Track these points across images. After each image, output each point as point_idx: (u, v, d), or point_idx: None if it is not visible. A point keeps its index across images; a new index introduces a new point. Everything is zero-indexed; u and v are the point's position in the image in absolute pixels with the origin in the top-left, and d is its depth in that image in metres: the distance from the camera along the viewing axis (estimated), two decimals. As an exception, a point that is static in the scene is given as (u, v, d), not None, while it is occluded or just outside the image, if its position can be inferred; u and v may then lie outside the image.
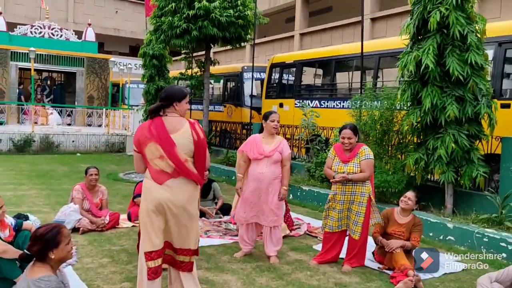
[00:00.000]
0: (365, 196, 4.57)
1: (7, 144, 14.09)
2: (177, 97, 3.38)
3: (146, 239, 3.25)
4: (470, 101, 5.97)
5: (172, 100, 3.36)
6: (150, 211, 3.23)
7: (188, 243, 3.35)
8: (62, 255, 2.71)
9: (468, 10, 5.99)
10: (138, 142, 3.32)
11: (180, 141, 3.26)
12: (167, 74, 13.98)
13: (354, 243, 4.64)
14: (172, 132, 3.26)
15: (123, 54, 30.54)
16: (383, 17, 17.47)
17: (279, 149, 4.77)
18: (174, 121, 3.32)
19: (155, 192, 3.23)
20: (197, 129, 3.34)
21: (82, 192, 5.76)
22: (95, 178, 5.83)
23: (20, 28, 18.87)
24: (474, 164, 6.05)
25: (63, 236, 2.71)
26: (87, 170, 5.88)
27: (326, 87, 11.82)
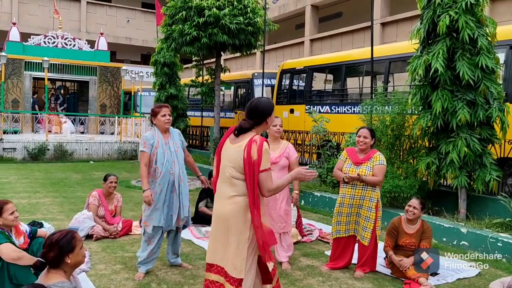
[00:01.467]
0: (374, 201, 4.55)
1: (22, 153, 14.29)
2: (270, 111, 3.09)
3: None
4: (481, 105, 5.93)
5: (266, 116, 3.07)
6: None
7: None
8: (77, 259, 2.76)
9: (478, 14, 5.97)
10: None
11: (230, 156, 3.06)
12: (178, 81, 14.12)
13: (365, 249, 4.62)
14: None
15: (134, 63, 30.86)
16: (393, 21, 17.43)
17: (285, 154, 4.78)
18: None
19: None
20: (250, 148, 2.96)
21: (98, 198, 5.83)
22: (114, 186, 5.91)
23: (34, 38, 19.17)
24: (487, 168, 6.01)
25: (77, 240, 2.76)
26: (107, 177, 5.94)
27: (336, 93, 11.81)
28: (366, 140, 4.62)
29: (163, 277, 4.37)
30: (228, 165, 3.02)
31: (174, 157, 4.43)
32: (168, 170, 4.37)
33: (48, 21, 27.06)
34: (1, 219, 3.73)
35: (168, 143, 4.45)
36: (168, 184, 4.38)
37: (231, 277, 2.92)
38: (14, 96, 17.86)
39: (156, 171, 4.38)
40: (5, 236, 3.66)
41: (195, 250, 5.29)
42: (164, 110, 4.45)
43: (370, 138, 4.64)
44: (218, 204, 3.09)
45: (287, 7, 23.36)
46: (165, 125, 4.45)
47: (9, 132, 15.53)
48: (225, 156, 3.08)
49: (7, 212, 3.75)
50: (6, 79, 17.19)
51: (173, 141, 4.50)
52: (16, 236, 3.87)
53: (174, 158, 4.43)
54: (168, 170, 4.37)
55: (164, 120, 4.43)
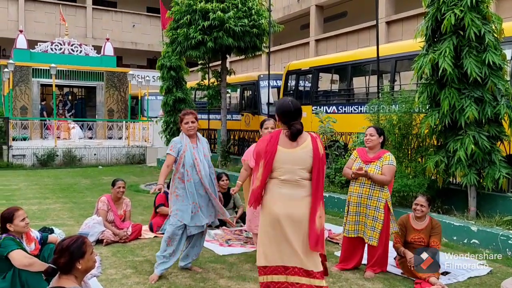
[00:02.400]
0: (382, 201, 4.52)
1: (31, 159, 14.42)
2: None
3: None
4: (489, 102, 5.89)
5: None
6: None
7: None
8: (88, 265, 2.77)
9: (484, 10, 5.93)
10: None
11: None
12: (185, 85, 14.15)
13: (374, 250, 4.60)
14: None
15: (141, 67, 30.97)
16: (398, 20, 17.37)
17: None
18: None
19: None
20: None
21: (107, 203, 5.86)
22: (122, 191, 5.93)
23: (41, 45, 19.34)
24: (496, 166, 5.96)
25: (88, 246, 2.78)
26: (115, 182, 5.97)
27: (343, 93, 11.79)
28: (372, 138, 4.62)
29: (174, 280, 4.38)
30: (297, 168, 3.18)
31: (203, 159, 4.53)
32: (195, 172, 4.45)
33: (55, 28, 27.25)
34: (12, 226, 3.77)
35: (196, 147, 4.56)
36: (195, 185, 4.45)
37: (315, 272, 3.12)
38: (23, 103, 18.02)
39: (184, 174, 4.46)
40: (16, 243, 3.70)
41: (204, 253, 5.29)
42: (187, 117, 4.53)
43: (377, 136, 4.63)
44: (288, 206, 3.15)
45: (292, 8, 23.36)
46: (187, 132, 4.55)
47: (18, 139, 15.67)
48: (288, 161, 3.18)
49: (18, 219, 3.78)
50: (14, 86, 17.36)
51: (202, 146, 4.62)
52: (27, 243, 3.91)
53: (202, 160, 4.52)
54: (195, 172, 4.45)
55: (187, 127, 4.53)
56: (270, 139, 3.24)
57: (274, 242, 3.17)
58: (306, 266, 3.13)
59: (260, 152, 3.24)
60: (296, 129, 3.20)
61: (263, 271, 3.20)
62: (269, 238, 3.19)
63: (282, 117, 3.29)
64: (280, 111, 3.30)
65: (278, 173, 3.19)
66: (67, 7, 28.14)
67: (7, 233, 3.77)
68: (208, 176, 4.53)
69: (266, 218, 3.22)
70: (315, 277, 3.12)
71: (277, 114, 3.34)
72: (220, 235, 6.08)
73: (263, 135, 4.89)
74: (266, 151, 3.20)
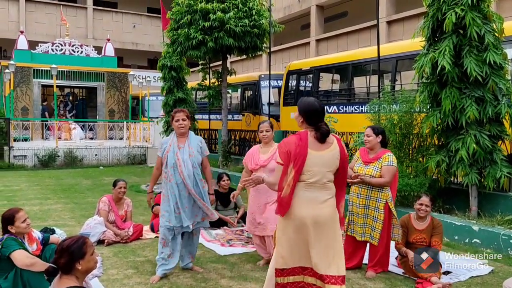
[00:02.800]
0: (381, 202, 4.50)
1: (33, 160, 14.43)
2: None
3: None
4: (490, 101, 5.89)
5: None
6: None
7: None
8: (88, 266, 2.76)
9: (485, 10, 5.93)
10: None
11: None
12: (186, 85, 14.16)
13: (375, 250, 4.59)
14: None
15: (141, 67, 30.98)
16: (399, 19, 17.37)
17: (275, 157, 4.69)
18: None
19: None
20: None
21: (108, 204, 5.86)
22: (123, 191, 5.93)
23: (42, 46, 19.35)
24: (497, 165, 5.96)
25: (88, 246, 2.77)
26: (116, 182, 5.97)
27: (344, 92, 11.79)
28: (369, 138, 4.61)
29: (175, 280, 4.38)
30: (325, 171, 3.09)
31: (186, 160, 4.41)
32: (177, 173, 4.38)
33: (55, 28, 27.28)
34: (13, 227, 3.78)
35: (183, 148, 4.46)
36: (177, 186, 4.39)
37: (336, 276, 3.01)
38: (24, 104, 18.04)
39: (167, 174, 4.43)
40: (18, 243, 3.70)
41: (206, 253, 5.30)
42: (178, 115, 4.46)
43: (374, 136, 4.60)
44: (314, 209, 3.05)
45: (292, 8, 23.36)
46: (178, 129, 4.48)
47: (19, 140, 15.69)
48: (317, 164, 3.06)
49: (19, 220, 3.79)
50: (15, 87, 17.37)
51: (189, 146, 4.49)
52: (29, 243, 3.92)
53: (185, 161, 4.40)
54: (177, 173, 4.38)
55: (177, 125, 4.46)
56: (299, 142, 3.06)
57: (295, 245, 3.09)
58: (321, 270, 3.04)
59: (289, 155, 3.06)
60: (325, 130, 3.09)
61: (280, 273, 3.13)
62: (289, 242, 3.10)
63: (309, 117, 3.12)
64: (307, 111, 3.13)
65: (306, 176, 3.06)
66: (67, 8, 28.16)
67: (9, 234, 3.77)
68: (192, 177, 4.41)
69: (290, 222, 3.09)
70: (332, 283, 3.01)
71: (303, 115, 3.15)
72: (221, 235, 6.09)
73: (261, 138, 4.88)
74: (297, 154, 3.04)
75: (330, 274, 3.01)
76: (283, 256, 3.11)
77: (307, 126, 3.15)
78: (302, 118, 3.15)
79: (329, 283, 3.00)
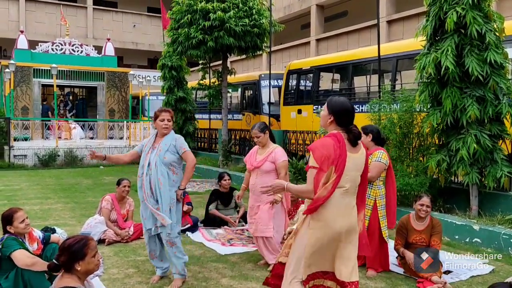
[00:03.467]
0: (371, 198, 4.57)
1: (33, 159, 14.43)
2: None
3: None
4: (491, 101, 5.89)
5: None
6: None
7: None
8: (88, 268, 2.73)
9: (485, 9, 5.94)
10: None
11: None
12: (186, 85, 14.16)
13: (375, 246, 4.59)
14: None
15: (142, 67, 30.97)
16: (399, 19, 17.36)
17: (269, 158, 4.68)
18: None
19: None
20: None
21: (111, 202, 5.86)
22: (127, 190, 5.93)
23: (42, 45, 19.34)
24: (498, 164, 5.96)
25: (89, 248, 2.73)
26: (120, 181, 5.97)
27: (344, 92, 11.78)
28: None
29: (176, 280, 4.38)
30: (358, 174, 2.96)
31: (156, 161, 4.22)
32: (144, 174, 4.30)
33: (56, 28, 27.27)
34: (12, 227, 3.77)
35: (156, 148, 4.29)
36: (144, 187, 4.32)
37: (356, 282, 2.94)
38: (24, 104, 18.03)
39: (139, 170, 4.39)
40: (18, 243, 3.70)
41: (206, 253, 5.30)
42: (164, 114, 4.28)
43: (364, 136, 4.55)
44: (348, 217, 2.92)
45: (292, 8, 23.36)
46: (162, 130, 4.30)
47: (19, 139, 15.68)
48: (352, 168, 2.89)
49: (18, 221, 3.78)
50: (15, 86, 17.36)
51: (161, 145, 4.28)
52: (29, 243, 3.91)
53: (154, 162, 4.23)
54: (144, 174, 4.30)
55: (162, 124, 4.27)
56: (338, 144, 2.85)
57: (323, 255, 2.94)
58: (345, 278, 2.93)
59: (329, 159, 2.82)
60: (358, 132, 2.93)
61: (304, 281, 2.99)
62: (320, 251, 2.92)
63: (339, 118, 2.93)
64: (339, 111, 2.94)
65: (343, 181, 2.85)
66: (67, 7, 28.15)
67: (10, 233, 3.77)
68: (155, 177, 4.21)
69: (326, 233, 2.88)
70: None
71: (334, 114, 2.94)
72: (221, 234, 6.09)
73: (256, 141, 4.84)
74: (337, 157, 2.82)
75: (351, 281, 2.92)
76: (309, 265, 2.94)
77: (336, 126, 2.95)
78: (332, 117, 2.94)
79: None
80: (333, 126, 2.96)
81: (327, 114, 2.96)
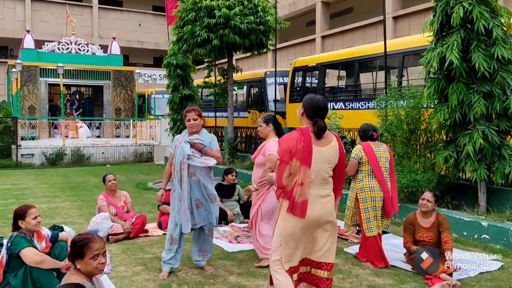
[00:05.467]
0: (353, 190, 4.94)
1: (40, 158, 14.51)
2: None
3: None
4: (498, 96, 5.84)
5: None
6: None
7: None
8: (86, 269, 2.66)
9: (492, 4, 5.88)
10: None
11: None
12: (191, 83, 14.16)
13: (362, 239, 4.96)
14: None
15: (147, 66, 31.08)
16: (405, 15, 17.28)
17: (262, 151, 4.69)
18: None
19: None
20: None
21: (105, 199, 5.95)
22: (114, 183, 6.01)
23: (48, 45, 19.44)
24: (506, 160, 5.91)
25: (89, 249, 2.66)
26: (104, 177, 6.09)
27: (350, 89, 11.75)
28: None
29: (184, 277, 4.39)
30: (326, 166, 3.12)
31: (188, 150, 4.31)
32: (181, 169, 4.34)
33: (61, 27, 27.41)
34: (24, 222, 3.79)
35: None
36: (181, 182, 4.35)
37: (329, 263, 3.17)
38: (31, 103, 18.14)
39: (174, 170, 4.42)
40: (27, 241, 3.73)
41: (213, 250, 5.29)
42: (189, 115, 4.43)
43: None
44: (320, 207, 3.09)
45: (298, 5, 23.31)
46: (190, 129, 4.46)
47: (27, 138, 15.78)
48: (318, 160, 3.06)
49: (30, 216, 3.81)
50: (22, 86, 17.47)
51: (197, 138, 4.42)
52: (38, 241, 3.93)
53: (186, 150, 4.30)
54: (181, 169, 4.34)
55: (188, 124, 4.45)
56: (302, 137, 3.06)
57: (300, 244, 3.12)
58: (321, 259, 3.16)
59: (291, 150, 3.04)
60: (322, 125, 3.10)
61: (289, 272, 3.13)
62: (296, 242, 3.10)
63: (309, 111, 3.16)
64: (310, 105, 3.17)
65: (313, 172, 3.06)
66: (73, 7, 28.28)
67: (19, 231, 3.80)
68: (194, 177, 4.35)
69: (296, 222, 3.07)
70: (327, 269, 3.17)
71: (306, 107, 3.18)
72: (229, 232, 6.10)
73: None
74: (301, 150, 3.03)
75: (328, 262, 3.17)
76: (289, 257, 3.10)
77: (306, 120, 3.19)
78: (303, 109, 3.20)
79: (325, 269, 3.17)
80: (304, 118, 3.21)
81: (301, 108, 3.24)
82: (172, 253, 4.46)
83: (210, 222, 4.52)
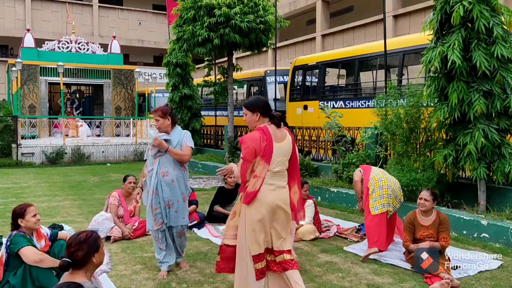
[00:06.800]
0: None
1: (40, 157, 14.52)
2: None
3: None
4: (498, 95, 5.83)
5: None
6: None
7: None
8: (101, 259, 2.82)
9: (493, 2, 5.86)
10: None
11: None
12: (191, 82, 14.15)
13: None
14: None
15: (147, 65, 31.08)
16: (405, 13, 17.25)
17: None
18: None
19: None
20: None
21: (118, 199, 5.90)
22: (133, 186, 5.95)
23: (48, 43, 19.43)
24: (506, 159, 5.90)
25: (101, 240, 2.84)
26: (126, 177, 6.01)
27: (350, 87, 11.74)
28: None
29: (183, 276, 4.40)
30: (284, 159, 3.41)
31: (162, 157, 4.40)
32: (151, 170, 4.46)
33: (62, 26, 27.40)
34: (23, 221, 3.79)
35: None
36: (150, 184, 4.43)
37: (288, 250, 3.37)
38: (31, 102, 18.14)
39: (146, 169, 4.55)
40: (26, 240, 3.72)
41: (213, 249, 5.30)
42: (153, 115, 4.48)
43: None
44: (277, 194, 3.34)
45: (298, 3, 23.28)
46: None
47: (27, 137, 15.78)
48: (279, 154, 3.36)
49: (30, 214, 3.81)
50: (22, 85, 17.47)
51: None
52: (37, 239, 3.93)
53: (161, 158, 4.41)
54: (151, 170, 4.46)
55: (154, 124, 4.52)
56: (264, 136, 3.31)
57: (264, 229, 3.32)
58: (279, 247, 3.35)
59: (254, 152, 3.30)
60: (280, 116, 3.43)
61: (257, 259, 3.31)
62: (261, 227, 3.30)
63: (264, 110, 3.43)
64: (263, 105, 3.46)
65: (272, 166, 3.33)
66: (73, 6, 28.27)
67: (18, 230, 3.80)
68: (165, 177, 4.43)
69: (262, 206, 3.29)
70: (287, 253, 3.36)
71: (258, 110, 3.42)
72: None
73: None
74: (264, 148, 3.29)
75: (286, 249, 3.36)
76: (257, 242, 3.30)
77: (263, 119, 3.44)
78: (258, 113, 3.43)
79: (287, 253, 3.36)
80: (261, 120, 3.44)
81: (252, 114, 3.46)
82: (163, 252, 4.49)
83: (180, 224, 4.50)
